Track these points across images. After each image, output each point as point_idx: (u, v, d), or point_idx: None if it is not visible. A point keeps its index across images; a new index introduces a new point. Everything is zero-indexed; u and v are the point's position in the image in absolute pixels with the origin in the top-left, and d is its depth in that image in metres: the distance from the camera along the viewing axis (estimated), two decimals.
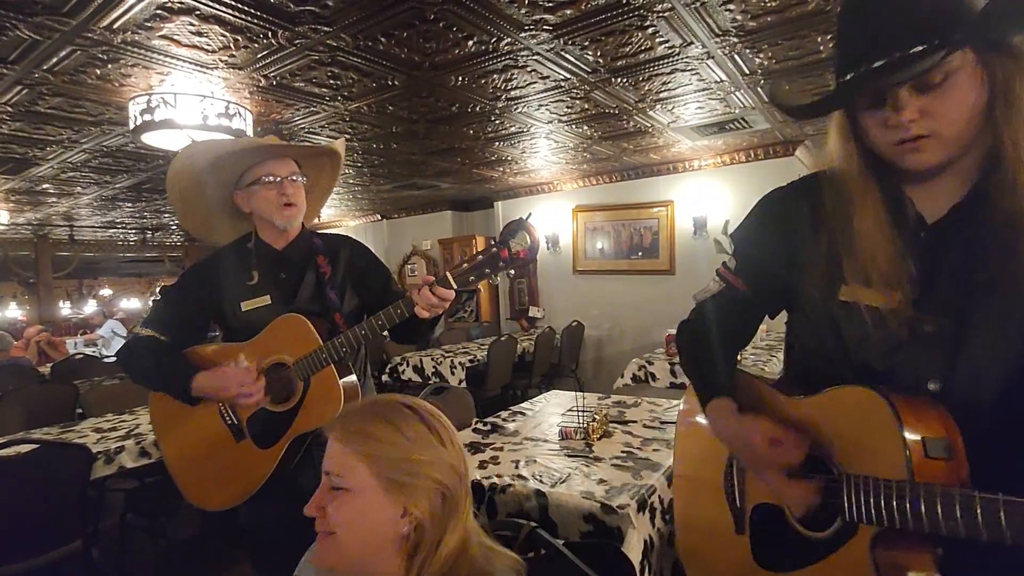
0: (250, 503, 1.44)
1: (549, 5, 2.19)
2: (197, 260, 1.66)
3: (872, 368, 0.84)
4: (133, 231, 8.66)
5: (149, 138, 3.02)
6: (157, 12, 2.07)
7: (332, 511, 0.75)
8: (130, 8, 2.03)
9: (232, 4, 2.05)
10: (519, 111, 3.53)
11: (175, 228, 8.69)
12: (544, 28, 2.38)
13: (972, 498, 0.66)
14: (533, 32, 2.41)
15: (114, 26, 2.15)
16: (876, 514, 0.74)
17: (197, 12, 2.09)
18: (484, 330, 6.47)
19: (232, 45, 2.38)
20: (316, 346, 1.37)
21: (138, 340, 1.50)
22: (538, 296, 6.51)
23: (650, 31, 2.46)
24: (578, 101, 3.40)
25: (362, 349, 1.57)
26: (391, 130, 3.83)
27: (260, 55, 2.49)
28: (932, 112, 0.73)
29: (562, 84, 3.07)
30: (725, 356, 1.00)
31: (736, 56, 2.78)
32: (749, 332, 1.09)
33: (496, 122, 3.76)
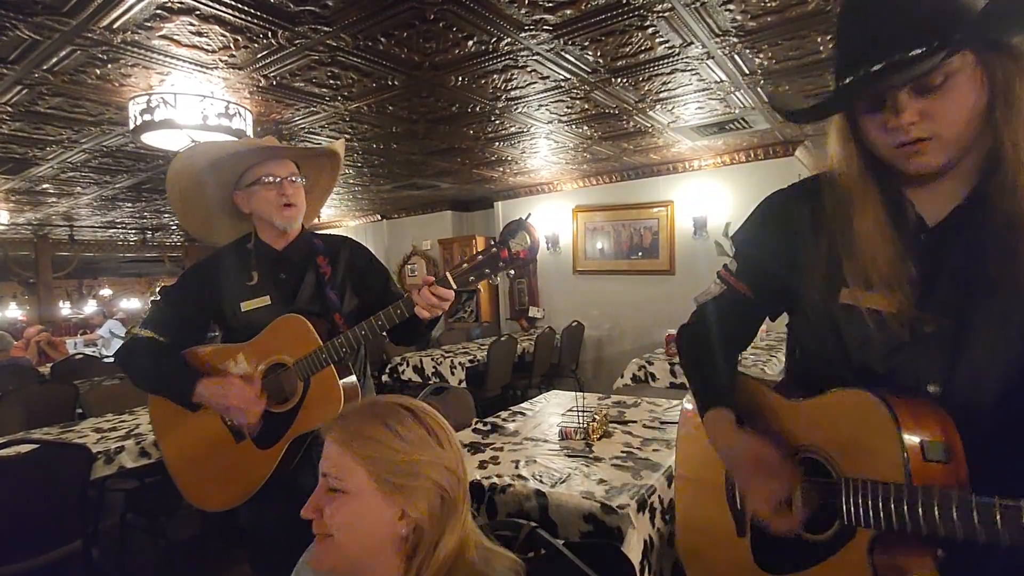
0: (250, 503, 1.44)
1: (549, 5, 2.19)
2: (197, 260, 1.66)
3: (872, 370, 0.84)
4: (133, 231, 8.67)
5: (149, 138, 3.02)
6: (157, 12, 2.07)
7: (330, 513, 0.75)
8: (130, 8, 2.03)
9: (232, 4, 2.05)
10: (519, 111, 3.53)
11: (175, 228, 8.70)
12: (544, 28, 2.38)
13: (968, 501, 0.66)
14: (533, 32, 2.41)
15: (114, 26, 2.15)
16: (874, 517, 0.74)
17: (197, 12, 2.09)
18: (484, 330, 6.46)
19: (232, 45, 2.38)
20: (316, 346, 1.37)
21: (137, 341, 1.49)
22: (538, 296, 6.51)
23: (650, 31, 2.46)
24: (578, 101, 3.40)
25: (362, 349, 1.57)
26: (391, 130, 3.83)
27: (260, 55, 2.49)
28: (932, 114, 0.73)
29: (562, 84, 3.07)
30: (726, 358, 1.01)
31: (736, 56, 2.78)
32: (750, 334, 1.09)
33: (496, 122, 3.76)
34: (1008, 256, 0.73)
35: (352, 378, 1.43)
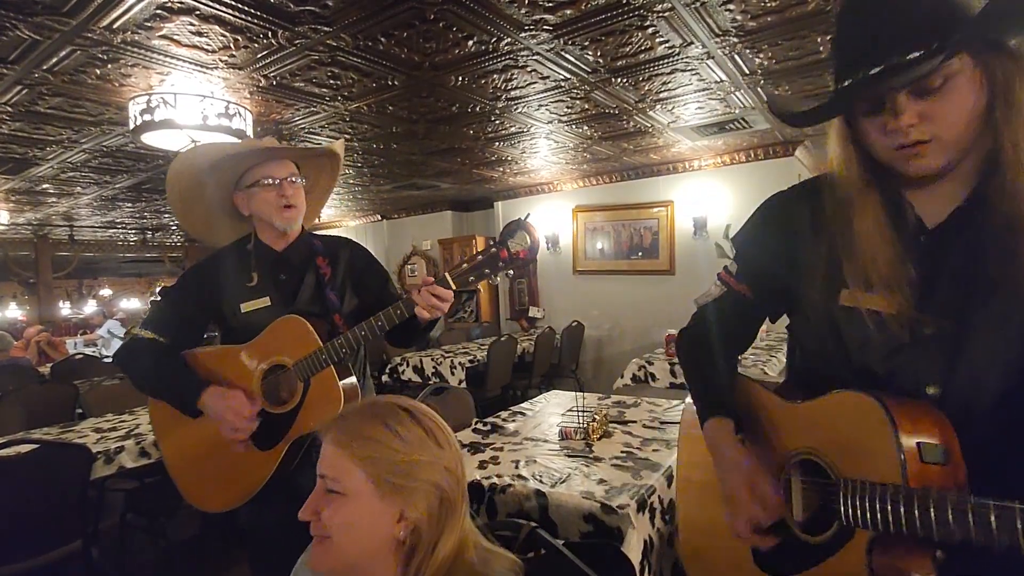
0: (250, 504, 1.44)
1: (549, 5, 2.19)
2: (197, 261, 1.66)
3: (872, 371, 0.84)
4: (133, 231, 8.67)
5: (149, 138, 3.02)
6: (157, 12, 2.07)
7: (327, 515, 0.75)
8: (130, 8, 2.03)
9: (232, 4, 2.05)
10: (519, 111, 3.53)
11: (175, 228, 8.70)
12: (544, 28, 2.38)
13: (964, 503, 0.66)
14: (533, 32, 2.41)
15: (114, 26, 2.15)
16: (871, 518, 0.74)
17: (197, 12, 2.09)
18: (484, 330, 6.46)
19: (232, 45, 2.38)
20: (316, 347, 1.37)
21: (137, 341, 1.49)
22: (538, 296, 6.51)
23: (650, 31, 2.46)
24: (578, 101, 3.40)
25: (361, 350, 1.57)
26: (391, 130, 3.83)
27: (260, 55, 2.49)
28: (931, 117, 0.73)
29: (562, 84, 3.07)
30: (726, 359, 1.01)
31: (736, 56, 2.78)
32: (750, 335, 1.09)
33: (496, 122, 3.76)
34: (1008, 257, 0.73)
35: (352, 379, 1.43)
